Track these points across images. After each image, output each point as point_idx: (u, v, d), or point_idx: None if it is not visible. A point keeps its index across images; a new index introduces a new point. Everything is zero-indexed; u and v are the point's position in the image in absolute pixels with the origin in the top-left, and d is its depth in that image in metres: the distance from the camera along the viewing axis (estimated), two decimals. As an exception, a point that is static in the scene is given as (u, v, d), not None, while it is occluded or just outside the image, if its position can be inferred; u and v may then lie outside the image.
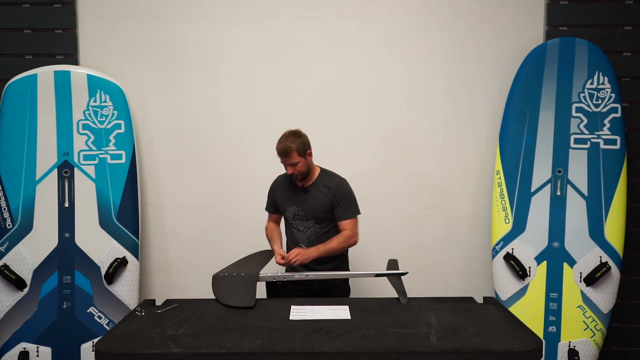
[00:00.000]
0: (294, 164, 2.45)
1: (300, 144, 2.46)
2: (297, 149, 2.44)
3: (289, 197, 2.58)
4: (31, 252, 2.87)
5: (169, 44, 3.11)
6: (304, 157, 2.48)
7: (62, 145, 2.92)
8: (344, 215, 2.52)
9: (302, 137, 2.49)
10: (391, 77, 3.12)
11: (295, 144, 2.43)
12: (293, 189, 2.58)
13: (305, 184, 2.55)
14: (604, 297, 2.82)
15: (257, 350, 1.72)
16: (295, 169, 2.47)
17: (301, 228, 2.56)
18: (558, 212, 2.88)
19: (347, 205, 2.52)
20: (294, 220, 2.57)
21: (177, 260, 3.21)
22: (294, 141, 2.44)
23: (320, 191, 2.53)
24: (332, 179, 2.56)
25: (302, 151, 2.46)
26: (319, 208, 2.51)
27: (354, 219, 2.54)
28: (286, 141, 2.44)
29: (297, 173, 2.48)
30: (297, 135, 2.48)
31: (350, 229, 2.51)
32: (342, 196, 2.51)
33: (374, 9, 3.09)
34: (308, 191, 2.54)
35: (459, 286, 3.18)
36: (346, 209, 2.52)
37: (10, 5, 3.05)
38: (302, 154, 2.46)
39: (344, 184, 2.56)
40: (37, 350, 2.83)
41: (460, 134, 3.14)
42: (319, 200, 2.52)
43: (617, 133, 2.87)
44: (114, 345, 1.78)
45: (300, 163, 2.46)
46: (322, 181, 2.55)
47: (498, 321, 1.99)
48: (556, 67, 2.90)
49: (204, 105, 3.14)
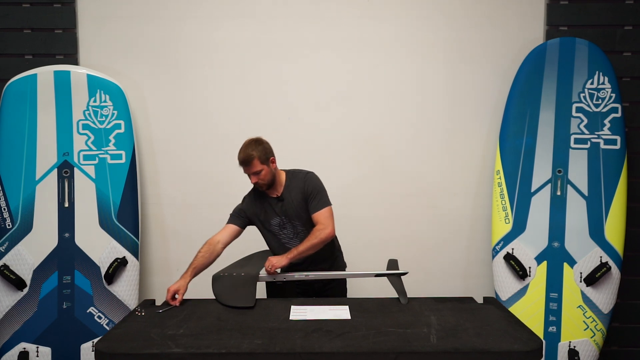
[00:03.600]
0: (256, 172, 2.36)
1: (262, 151, 2.36)
2: (259, 157, 2.34)
3: (267, 210, 2.49)
4: (31, 252, 2.87)
5: (169, 44, 3.11)
6: (267, 165, 2.38)
7: (62, 145, 2.92)
8: (314, 208, 2.43)
9: (263, 145, 2.39)
10: (391, 77, 3.12)
11: (256, 151, 2.34)
12: (268, 202, 2.48)
13: (277, 193, 2.47)
14: (604, 297, 2.82)
15: (257, 350, 1.72)
16: (258, 178, 2.38)
17: (290, 235, 2.49)
18: (558, 212, 2.88)
19: (316, 197, 2.43)
20: (280, 231, 2.49)
21: (177, 260, 3.20)
22: (254, 149, 2.34)
23: (293, 194, 2.45)
24: (298, 177, 2.48)
25: (264, 159, 2.36)
26: (297, 211, 2.45)
27: (326, 209, 2.43)
28: (247, 149, 2.35)
29: (261, 182, 2.39)
30: (258, 143, 2.38)
31: (322, 221, 2.40)
32: (311, 189, 2.43)
33: (373, 9, 3.08)
34: (283, 199, 2.46)
35: (459, 286, 3.18)
36: (316, 201, 2.43)
37: (10, 5, 3.05)
38: (265, 162, 2.37)
39: (310, 177, 2.48)
40: (37, 350, 2.83)
41: (460, 134, 3.14)
42: (295, 202, 2.45)
43: (617, 133, 2.87)
44: (114, 345, 1.78)
45: (264, 171, 2.37)
46: (291, 183, 2.47)
47: (498, 321, 1.98)
48: (556, 67, 2.90)
49: (204, 105, 3.14)
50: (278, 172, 2.48)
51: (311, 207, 2.44)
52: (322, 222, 2.41)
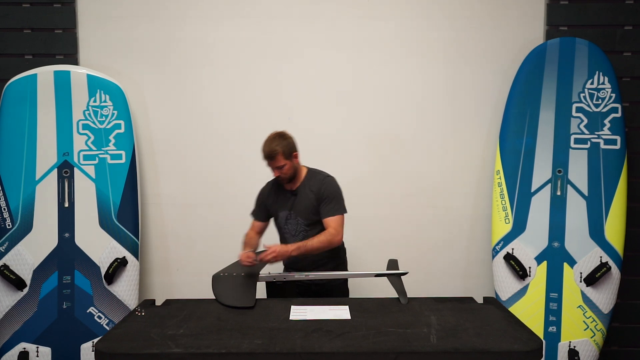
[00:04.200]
0: (280, 167, 2.39)
1: (286, 146, 2.39)
2: (283, 152, 2.37)
3: (279, 202, 2.53)
4: (31, 252, 2.87)
5: (169, 44, 3.11)
6: (290, 160, 2.41)
7: (62, 145, 2.92)
8: (328, 213, 2.43)
9: (287, 139, 2.42)
10: (391, 77, 3.12)
11: (280, 146, 2.36)
12: (283, 194, 2.52)
13: (293, 187, 2.50)
14: (604, 297, 2.82)
15: (257, 350, 1.72)
16: (281, 172, 2.41)
17: (293, 232, 2.50)
18: (558, 212, 2.88)
19: (332, 202, 2.43)
20: (285, 225, 2.52)
21: (177, 260, 3.21)
22: (279, 144, 2.37)
23: (307, 192, 2.47)
24: (317, 177, 2.49)
25: (287, 154, 2.39)
26: (307, 209, 2.46)
27: (339, 217, 2.44)
28: (271, 144, 2.37)
29: (283, 176, 2.42)
30: (282, 138, 2.41)
31: (334, 226, 2.41)
32: (327, 193, 2.44)
33: (373, 10, 3.08)
34: (297, 194, 2.49)
35: (459, 286, 3.18)
36: (331, 206, 2.43)
37: (10, 5, 3.05)
38: (288, 157, 2.39)
39: (330, 181, 2.48)
40: (37, 350, 2.83)
41: (460, 134, 3.14)
42: (306, 201, 2.46)
43: (617, 133, 2.87)
44: (114, 345, 1.78)
45: (287, 166, 2.39)
46: (309, 182, 2.49)
47: (498, 321, 1.98)
48: (556, 67, 2.90)
49: (204, 105, 3.14)
50: (300, 167, 2.51)
51: (324, 210, 2.44)
52: (335, 227, 2.42)
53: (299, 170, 2.50)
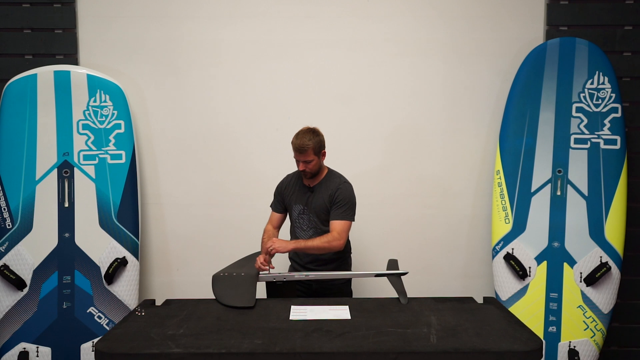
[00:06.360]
0: (307, 161, 2.44)
1: (317, 142, 2.45)
2: (314, 148, 2.43)
3: (296, 196, 2.58)
4: (31, 252, 2.87)
5: (169, 44, 3.11)
6: (318, 157, 2.47)
7: (62, 145, 2.92)
8: (336, 216, 2.46)
9: (319, 136, 2.48)
10: (391, 77, 3.12)
11: (312, 142, 2.42)
12: (300, 188, 2.58)
13: (311, 184, 2.55)
14: (604, 297, 2.82)
15: (257, 350, 1.72)
16: (307, 167, 2.46)
17: (304, 227, 2.55)
18: (558, 212, 2.88)
19: (342, 207, 2.47)
20: (298, 218, 2.57)
21: (177, 260, 3.21)
22: (311, 139, 2.43)
23: (323, 191, 2.52)
24: (335, 180, 2.54)
25: (317, 150, 2.45)
26: (320, 207, 2.51)
27: (346, 223, 2.46)
28: (304, 138, 2.43)
29: (308, 171, 2.47)
30: (315, 134, 2.47)
31: (339, 231, 2.44)
32: (341, 198, 2.48)
33: (374, 9, 3.08)
34: (314, 190, 2.54)
35: (459, 286, 3.18)
36: (340, 211, 2.47)
37: (10, 5, 3.05)
38: (317, 153, 2.46)
39: (346, 187, 2.52)
40: (37, 350, 2.83)
41: (460, 134, 3.14)
42: (320, 200, 2.51)
43: (617, 133, 2.87)
44: (114, 345, 1.78)
45: (314, 162, 2.45)
46: (327, 182, 2.54)
47: (498, 321, 1.98)
48: (556, 67, 2.90)
49: (204, 105, 3.14)
50: (323, 166, 2.57)
51: (334, 213, 2.48)
52: (339, 232, 2.45)
53: (321, 169, 2.55)
